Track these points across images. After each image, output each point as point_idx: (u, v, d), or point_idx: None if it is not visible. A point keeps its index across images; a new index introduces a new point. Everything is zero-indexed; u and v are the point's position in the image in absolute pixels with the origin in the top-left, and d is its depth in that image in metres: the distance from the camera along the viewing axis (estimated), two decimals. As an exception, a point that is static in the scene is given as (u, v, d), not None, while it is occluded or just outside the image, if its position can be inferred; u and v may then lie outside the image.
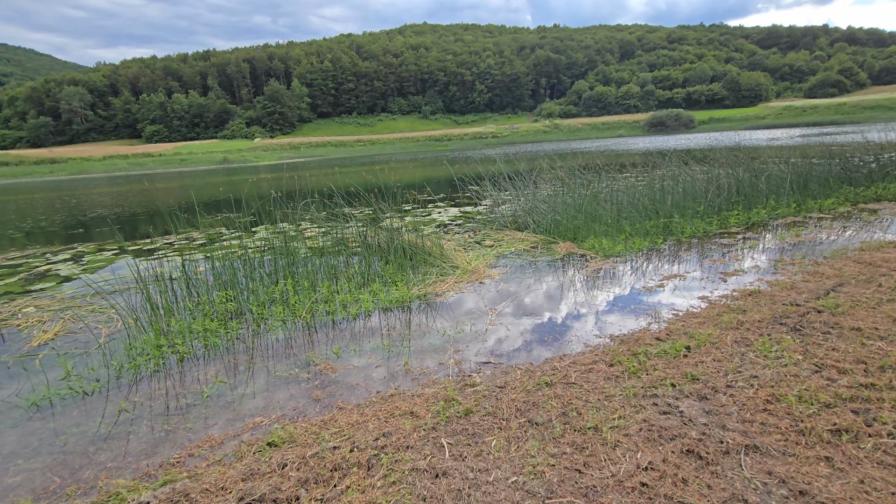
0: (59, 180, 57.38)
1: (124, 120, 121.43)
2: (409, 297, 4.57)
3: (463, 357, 3.31)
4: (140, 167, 76.08)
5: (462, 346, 3.48)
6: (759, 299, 3.96)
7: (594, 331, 3.62)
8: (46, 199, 23.90)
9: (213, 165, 72.38)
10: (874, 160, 9.09)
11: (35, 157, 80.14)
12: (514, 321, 3.92)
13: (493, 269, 5.55)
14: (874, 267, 4.57)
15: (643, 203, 7.12)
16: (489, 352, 3.37)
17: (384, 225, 6.03)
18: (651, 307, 4.02)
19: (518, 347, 3.42)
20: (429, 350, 3.47)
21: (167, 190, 24.28)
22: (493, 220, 8.07)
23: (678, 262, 5.37)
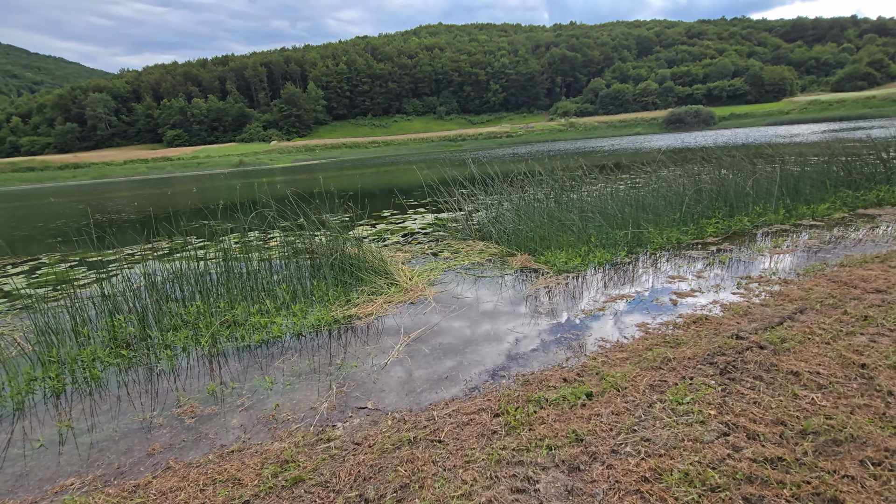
0: (80, 185, 58.91)
1: (146, 125, 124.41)
2: (327, 321, 4.20)
3: (342, 400, 2.92)
4: (159, 171, 77.69)
5: (349, 385, 3.09)
6: (701, 329, 3.47)
7: (502, 368, 3.19)
8: (58, 204, 24.33)
9: (228, 168, 73.49)
10: (878, 160, 8.36)
11: (60, 162, 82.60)
12: (422, 353, 3.51)
13: (434, 286, 5.14)
14: (848, 287, 4.01)
15: (615, 210, 6.61)
16: (373, 392, 2.97)
17: (321, 238, 5.67)
18: (578, 337, 3.56)
19: (408, 388, 3.01)
20: (312, 388, 3.09)
21: (172, 195, 24.47)
22: (459, 230, 7.64)
23: (634, 279, 4.88)
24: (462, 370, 3.19)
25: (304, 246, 5.77)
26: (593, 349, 3.33)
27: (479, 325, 3.96)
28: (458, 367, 3.24)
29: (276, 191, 18.86)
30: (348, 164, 53.03)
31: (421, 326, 4.00)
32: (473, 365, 3.25)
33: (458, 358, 3.38)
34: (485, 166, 9.27)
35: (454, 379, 3.08)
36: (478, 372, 3.14)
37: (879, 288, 3.90)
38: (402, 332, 3.92)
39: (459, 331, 3.87)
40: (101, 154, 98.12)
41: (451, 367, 3.25)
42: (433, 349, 3.55)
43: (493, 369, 3.16)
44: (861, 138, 13.15)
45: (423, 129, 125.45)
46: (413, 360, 3.40)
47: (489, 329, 3.86)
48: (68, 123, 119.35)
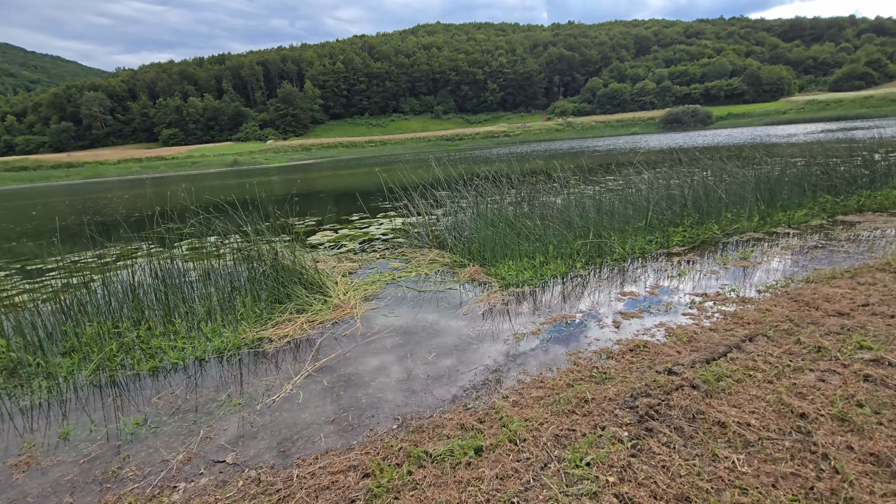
0: (72, 184, 58.48)
1: (142, 124, 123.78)
2: (234, 344, 3.79)
3: (203, 450, 2.51)
4: (153, 170, 77.25)
5: (220, 429, 2.69)
6: (635, 359, 3.06)
7: (399, 408, 2.78)
8: (41, 205, 23.89)
9: (223, 168, 73.04)
10: (862, 163, 7.96)
11: (53, 162, 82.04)
12: (319, 387, 3.10)
13: (368, 302, 4.73)
14: (809, 309, 3.61)
15: (576, 217, 6.20)
16: (242, 440, 2.56)
17: (257, 247, 5.25)
18: (499, 368, 3.16)
19: (283, 434, 2.60)
20: (177, 433, 2.68)
21: (156, 195, 24.03)
22: (418, 237, 7.23)
23: (583, 295, 4.47)
24: (354, 411, 2.78)
25: (242, 256, 5.37)
26: (509, 385, 2.92)
27: (394, 352, 3.55)
28: (352, 407, 2.83)
29: (257, 191, 18.45)
30: (343, 164, 52.61)
31: (333, 353, 3.59)
32: (369, 405, 2.84)
33: (356, 394, 2.97)
34: (449, 168, 8.87)
35: (340, 423, 2.67)
36: (370, 415, 2.73)
37: (842, 310, 3.49)
38: (309, 359, 3.51)
39: (370, 359, 3.46)
40: (96, 153, 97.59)
41: (344, 406, 2.84)
42: (333, 383, 3.14)
43: (389, 411, 2.75)
44: (858, 138, 12.77)
45: (421, 128, 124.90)
46: (305, 396, 2.99)
47: (403, 357, 3.45)
48: (63, 122, 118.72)
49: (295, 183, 26.74)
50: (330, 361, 3.46)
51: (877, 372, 2.54)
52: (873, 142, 11.50)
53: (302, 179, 29.24)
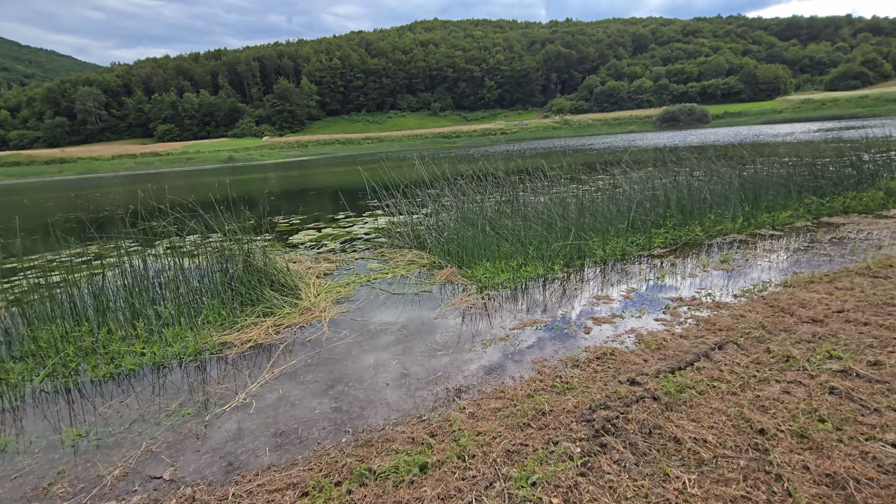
0: (64, 180, 58.06)
1: (137, 119, 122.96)
2: (194, 350, 3.67)
3: (141, 464, 2.40)
4: (147, 166, 76.75)
5: (163, 442, 2.58)
6: (601, 367, 2.97)
7: (353, 419, 2.68)
8: (30, 200, 23.64)
9: (218, 164, 72.64)
10: (849, 164, 7.88)
11: (46, 157, 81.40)
12: (274, 396, 2.99)
13: (339, 305, 4.63)
14: (783, 315, 3.52)
15: (556, 217, 6.10)
16: (183, 454, 2.46)
17: (229, 248, 5.12)
18: (460, 376, 3.06)
19: (228, 448, 2.50)
20: (119, 445, 2.57)
21: (146, 191, 23.80)
22: (399, 237, 7.12)
23: (558, 299, 4.38)
24: (305, 423, 2.68)
25: (215, 257, 5.24)
26: (469, 395, 2.82)
27: (357, 359, 3.45)
28: (304, 418, 2.73)
29: (243, 189, 18.32)
30: (339, 161, 52.36)
31: (294, 359, 3.49)
32: (322, 416, 2.73)
33: (310, 404, 2.87)
34: (433, 166, 8.76)
35: (288, 435, 2.56)
36: (321, 426, 2.63)
37: (816, 317, 3.41)
38: (269, 366, 3.40)
39: (331, 366, 3.36)
40: (89, 149, 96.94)
41: (296, 417, 2.74)
42: (289, 391, 3.04)
43: (342, 422, 2.65)
44: (847, 138, 12.72)
45: (418, 125, 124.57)
46: (258, 406, 2.88)
47: (368, 364, 3.35)
48: (57, 117, 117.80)
49: (286, 180, 26.58)
50: (290, 368, 3.35)
51: (843, 384, 2.46)
52: (862, 142, 11.45)
53: (294, 176, 29.07)
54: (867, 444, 2.00)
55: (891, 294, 3.68)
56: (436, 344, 3.59)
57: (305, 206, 13.50)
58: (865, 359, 2.70)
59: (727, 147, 15.60)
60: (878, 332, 3.04)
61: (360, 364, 3.35)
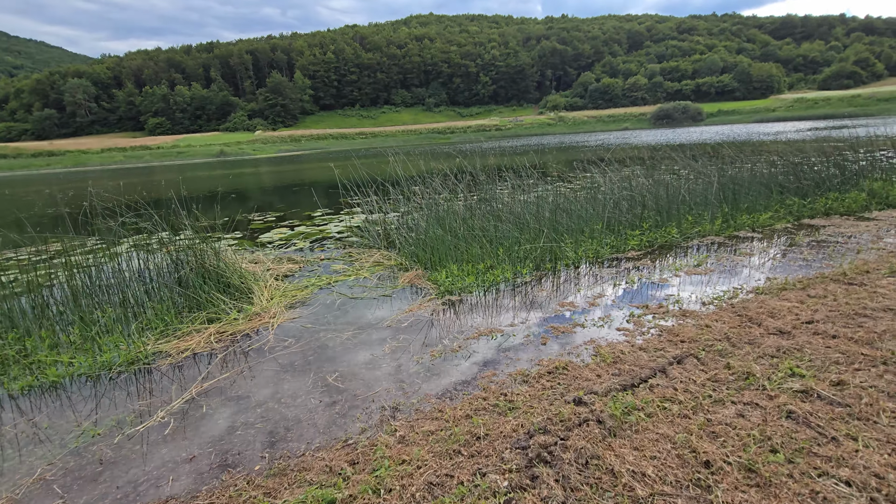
0: (52, 173, 57.20)
1: (127, 112, 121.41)
2: (126, 360, 3.43)
3: (31, 494, 2.17)
4: (137, 160, 75.82)
5: (63, 466, 2.35)
6: (549, 385, 2.76)
7: (268, 444, 2.46)
8: (8, 195, 23.14)
9: (209, 158, 71.91)
10: (833, 164, 7.72)
11: (33, 150, 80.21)
12: (194, 416, 2.76)
13: (292, 310, 4.39)
14: (750, 325, 3.33)
15: (528, 217, 5.89)
16: (80, 481, 2.23)
17: (182, 248, 4.86)
18: (398, 395, 2.84)
19: (128, 477, 2.27)
20: (11, 472, 2.34)
21: (127, 186, 23.38)
22: (369, 236, 6.89)
23: (518, 305, 4.17)
24: (221, 446, 2.45)
25: (170, 257, 4.98)
26: (405, 415, 2.61)
27: (295, 372, 3.22)
28: (221, 440, 2.50)
29: (231, 183, 17.99)
30: (332, 156, 51.88)
31: (228, 372, 3.26)
32: (242, 439, 2.51)
33: (233, 423, 2.64)
34: (415, 162, 8.51)
35: (200, 461, 2.34)
36: (237, 451, 2.40)
37: (784, 328, 3.22)
38: (199, 379, 3.17)
39: (266, 380, 3.13)
40: (78, 142, 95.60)
41: (213, 439, 2.51)
42: (215, 408, 2.81)
43: (261, 446, 2.43)
44: (835, 137, 12.58)
45: (412, 120, 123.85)
46: (175, 425, 2.65)
47: (306, 378, 3.12)
48: (46, 109, 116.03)
49: (272, 175, 26.22)
50: (221, 382, 3.12)
51: (802, 407, 2.26)
52: (850, 142, 11.32)
53: (282, 171, 28.70)
54: (819, 480, 1.80)
55: (863, 304, 3.50)
56: (383, 355, 3.37)
57: (286, 202, 13.22)
58: (829, 378, 2.51)
59: (715, 146, 15.44)
60: (845, 347, 2.85)
61: (297, 377, 3.13)
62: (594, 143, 37.50)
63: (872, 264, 4.47)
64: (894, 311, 3.32)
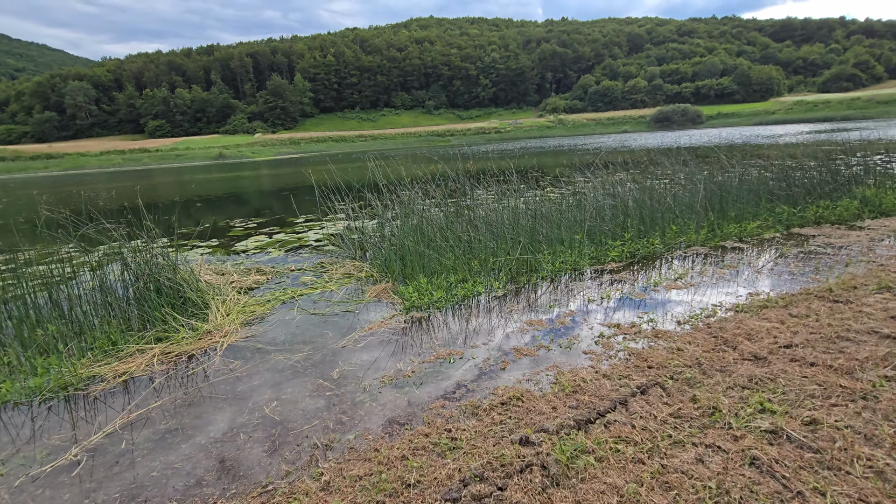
0: (49, 176, 57.12)
1: (128, 115, 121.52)
2: (56, 385, 3.21)
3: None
4: (136, 162, 75.80)
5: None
6: (499, 418, 2.53)
7: (180, 490, 2.23)
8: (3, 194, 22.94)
9: (208, 161, 71.82)
10: (826, 170, 7.49)
11: (32, 153, 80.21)
12: (112, 452, 2.54)
13: (250, 326, 4.17)
14: (725, 349, 3.10)
15: (508, 226, 5.66)
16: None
17: (137, 258, 4.64)
18: (334, 430, 2.61)
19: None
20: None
21: (122, 189, 23.20)
22: (344, 245, 6.67)
23: (484, 323, 3.94)
24: (131, 490, 2.22)
25: (128, 270, 4.75)
26: (337, 454, 2.37)
27: (233, 400, 2.99)
28: (132, 484, 2.27)
29: (214, 188, 17.77)
30: (330, 159, 51.69)
31: (160, 400, 3.03)
32: (154, 482, 2.28)
33: (151, 463, 2.41)
34: (399, 166, 8.28)
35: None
36: (143, 498, 2.17)
37: (760, 353, 2.99)
38: (128, 408, 2.94)
39: (204, 409, 2.90)
40: (78, 144, 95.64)
41: (125, 482, 2.28)
42: (137, 444, 2.58)
43: (172, 492, 2.20)
44: (838, 141, 12.36)
45: (412, 123, 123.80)
46: (88, 464, 2.42)
47: (244, 407, 2.89)
48: (47, 112, 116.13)
49: (265, 179, 26.03)
50: (152, 412, 2.89)
51: (767, 453, 2.03)
52: (846, 146, 11.10)
53: (277, 175, 28.51)
54: (777, 550, 1.57)
55: (847, 325, 3.27)
56: (330, 381, 3.14)
57: (272, 207, 13.02)
58: (802, 415, 2.28)
59: (710, 149, 15.20)
60: (823, 377, 2.62)
61: (234, 407, 2.90)
62: (592, 147, 37.31)
63: (860, 279, 4.23)
64: (878, 334, 3.09)
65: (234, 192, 18.44)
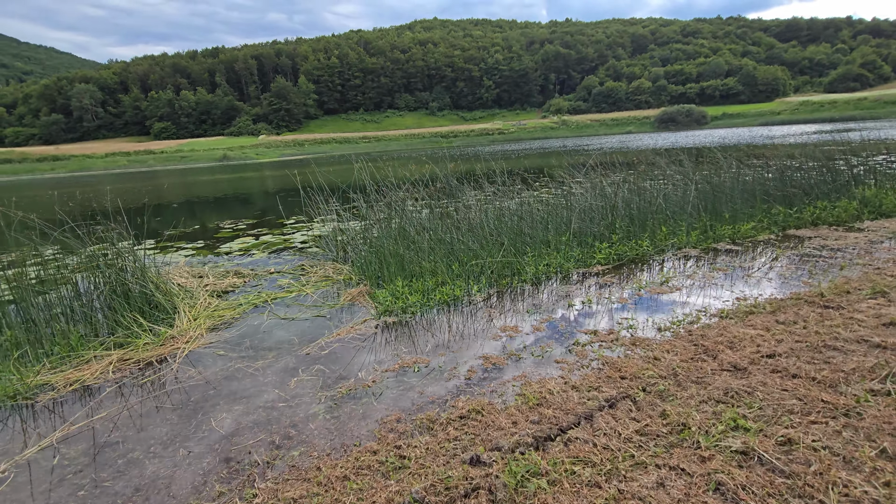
0: (55, 177, 57.52)
1: (133, 117, 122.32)
2: (4, 394, 3.07)
3: None
4: (140, 164, 76.26)
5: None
6: (455, 434, 2.36)
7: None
8: None
9: (212, 163, 72.08)
10: (826, 170, 7.27)
11: (39, 155, 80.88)
12: (40, 471, 2.39)
13: (216, 331, 4.03)
14: (705, 358, 2.92)
15: (490, 227, 5.49)
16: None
17: (103, 261, 4.51)
18: (283, 442, 2.45)
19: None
20: None
21: (120, 191, 23.21)
22: (327, 247, 6.53)
23: (456, 330, 3.77)
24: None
25: (97, 273, 4.63)
26: (274, 474, 2.21)
27: (185, 411, 2.84)
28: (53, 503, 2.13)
29: (218, 188, 17.71)
30: (334, 160, 51.67)
31: (105, 411, 2.88)
32: (81, 502, 2.13)
33: (83, 481, 2.27)
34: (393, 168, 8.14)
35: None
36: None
37: (740, 363, 2.80)
38: (70, 421, 2.80)
39: (148, 422, 2.75)
40: (84, 146, 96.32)
41: (45, 503, 2.13)
42: (71, 460, 2.43)
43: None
44: (842, 141, 12.08)
45: (415, 124, 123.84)
46: (15, 479, 2.28)
47: (190, 422, 2.74)
48: (53, 114, 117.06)
49: (265, 181, 25.99)
50: (95, 423, 2.75)
51: (735, 477, 1.85)
52: (849, 145, 10.85)
53: (282, 176, 28.46)
54: None
55: (835, 333, 3.08)
56: (286, 391, 2.98)
57: (264, 208, 12.92)
58: (777, 433, 2.10)
59: (708, 149, 14.98)
60: (804, 390, 2.43)
61: (183, 420, 2.75)
62: (594, 148, 37.04)
63: (854, 283, 4.04)
64: (868, 342, 2.90)
65: (231, 194, 18.36)
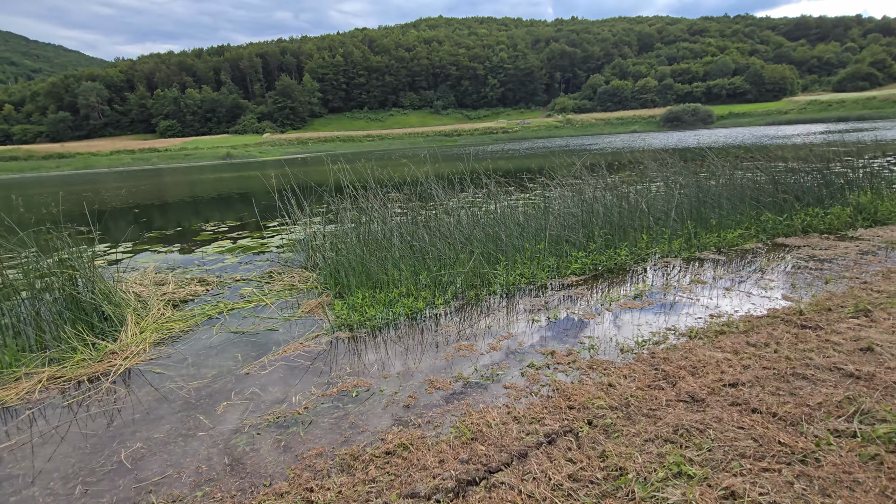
0: (60, 175, 57.81)
1: (139, 115, 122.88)
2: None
3: None
4: (145, 162, 76.50)
5: None
6: (374, 474, 2.15)
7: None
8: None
9: (215, 161, 72.22)
10: (820, 175, 6.97)
11: (44, 152, 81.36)
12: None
13: (161, 346, 3.83)
14: (663, 385, 2.69)
15: (459, 235, 5.27)
16: None
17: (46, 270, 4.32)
18: (189, 487, 2.25)
19: None
20: None
21: (111, 191, 23.17)
22: (299, 253, 6.33)
23: (412, 346, 3.55)
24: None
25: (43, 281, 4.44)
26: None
27: (96, 445, 2.64)
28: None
29: (214, 188, 17.58)
30: (336, 159, 51.57)
31: (16, 438, 2.69)
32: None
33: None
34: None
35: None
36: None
37: (698, 393, 2.57)
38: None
39: (50, 454, 2.56)
40: (89, 144, 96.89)
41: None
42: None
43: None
44: (848, 141, 11.76)
45: (420, 123, 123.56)
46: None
47: (96, 458, 2.55)
48: (60, 112, 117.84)
49: (259, 180, 25.84)
50: (3, 452, 2.56)
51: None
52: (853, 146, 10.52)
53: (281, 175, 28.31)
54: None
55: (807, 358, 2.83)
56: (212, 418, 2.78)
57: (253, 209, 12.75)
58: (721, 484, 1.87)
59: (704, 150, 14.65)
60: (762, 429, 2.20)
61: (93, 449, 2.56)
62: (598, 147, 36.67)
63: (837, 299, 3.78)
64: (841, 371, 2.66)
65: (227, 193, 18.23)
